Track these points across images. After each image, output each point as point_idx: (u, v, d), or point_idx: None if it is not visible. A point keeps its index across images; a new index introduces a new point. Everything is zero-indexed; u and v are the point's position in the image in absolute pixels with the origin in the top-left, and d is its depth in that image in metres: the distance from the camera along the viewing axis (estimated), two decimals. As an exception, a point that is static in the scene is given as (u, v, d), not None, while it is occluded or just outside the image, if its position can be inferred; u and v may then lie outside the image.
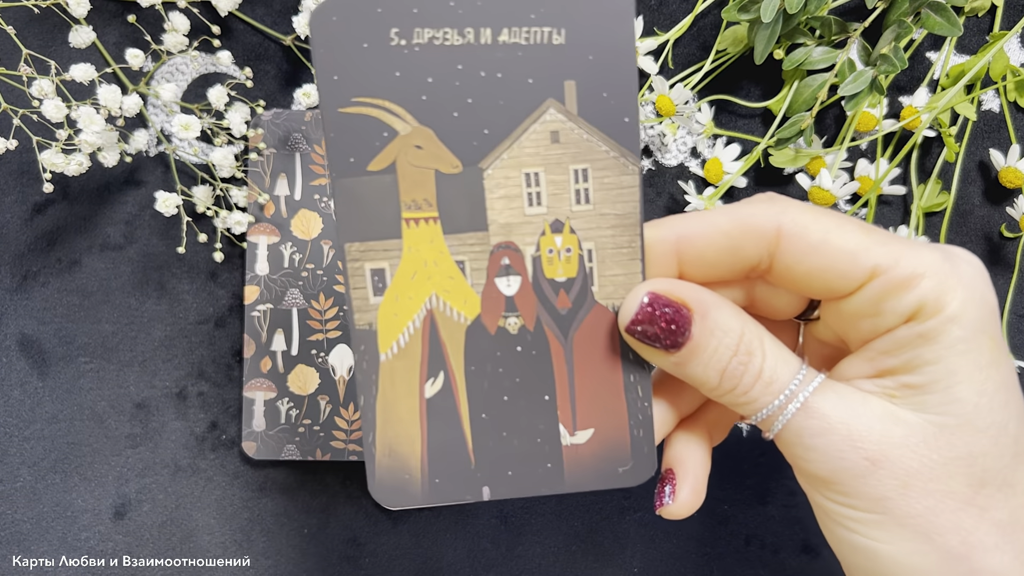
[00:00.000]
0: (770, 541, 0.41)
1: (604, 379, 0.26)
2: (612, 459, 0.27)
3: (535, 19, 0.24)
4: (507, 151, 0.25)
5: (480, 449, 0.26)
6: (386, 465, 0.27)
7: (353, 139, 0.24)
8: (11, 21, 0.39)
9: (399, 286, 0.26)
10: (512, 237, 0.25)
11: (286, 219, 0.40)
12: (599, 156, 0.25)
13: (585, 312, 0.26)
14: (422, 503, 0.27)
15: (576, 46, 0.24)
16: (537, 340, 0.26)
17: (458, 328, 0.26)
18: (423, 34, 0.24)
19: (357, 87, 0.24)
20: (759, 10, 0.35)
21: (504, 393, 0.26)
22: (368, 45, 0.24)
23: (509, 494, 0.27)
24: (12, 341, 0.41)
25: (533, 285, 0.26)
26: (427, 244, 0.25)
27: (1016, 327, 0.41)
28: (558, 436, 0.26)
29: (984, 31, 0.41)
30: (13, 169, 0.41)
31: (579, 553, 0.41)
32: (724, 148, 0.40)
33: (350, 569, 0.41)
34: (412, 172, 0.25)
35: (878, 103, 0.39)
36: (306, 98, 0.40)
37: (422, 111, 0.24)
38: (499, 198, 0.25)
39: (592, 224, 0.26)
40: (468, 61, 0.24)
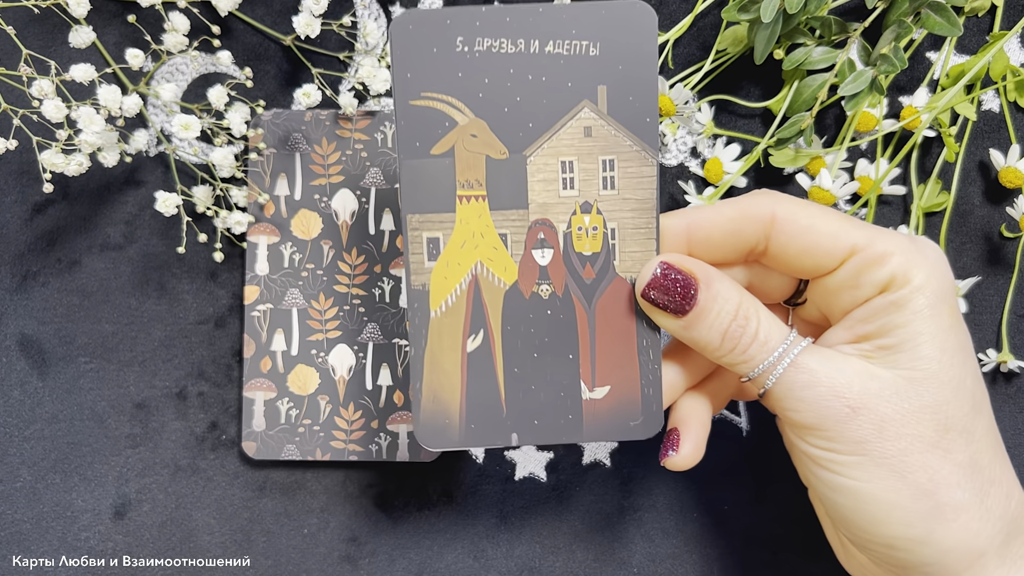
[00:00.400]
0: (769, 541, 0.41)
1: (621, 342, 0.30)
2: (625, 414, 0.31)
3: (575, 34, 0.29)
4: (547, 142, 0.29)
5: (511, 399, 0.30)
6: (430, 410, 0.30)
7: (419, 127, 0.29)
8: (11, 21, 0.39)
9: (450, 253, 0.30)
10: (548, 215, 0.30)
11: (286, 219, 0.40)
12: (624, 149, 0.30)
13: (607, 283, 0.30)
14: (459, 445, 0.30)
15: (608, 57, 0.29)
16: (565, 305, 0.30)
17: (498, 292, 0.30)
18: (483, 43, 0.29)
19: (426, 84, 0.29)
20: (759, 10, 0.35)
21: (534, 351, 0.30)
22: (437, 50, 0.29)
23: (534, 441, 0.31)
24: (12, 341, 0.41)
25: (564, 257, 0.30)
26: (476, 218, 0.30)
27: (1016, 327, 0.41)
28: (579, 391, 0.30)
29: (984, 31, 0.41)
30: (13, 169, 0.41)
31: (579, 553, 0.41)
32: (724, 148, 0.40)
33: (350, 569, 0.41)
34: (467, 156, 0.29)
35: (878, 103, 0.39)
36: (306, 98, 0.40)
37: (478, 106, 0.29)
38: (538, 181, 0.30)
39: (616, 207, 0.30)
40: (519, 66, 0.29)
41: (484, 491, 0.41)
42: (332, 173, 0.40)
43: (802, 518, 0.41)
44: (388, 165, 0.40)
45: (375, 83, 0.40)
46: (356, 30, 0.41)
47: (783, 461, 0.41)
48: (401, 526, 0.41)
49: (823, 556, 0.41)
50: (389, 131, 0.40)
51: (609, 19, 0.29)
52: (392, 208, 0.40)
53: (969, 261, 0.41)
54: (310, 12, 0.38)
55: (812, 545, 0.41)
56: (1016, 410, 0.41)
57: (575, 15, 0.29)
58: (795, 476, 0.41)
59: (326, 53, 0.41)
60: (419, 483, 0.41)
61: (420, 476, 0.41)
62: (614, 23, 0.29)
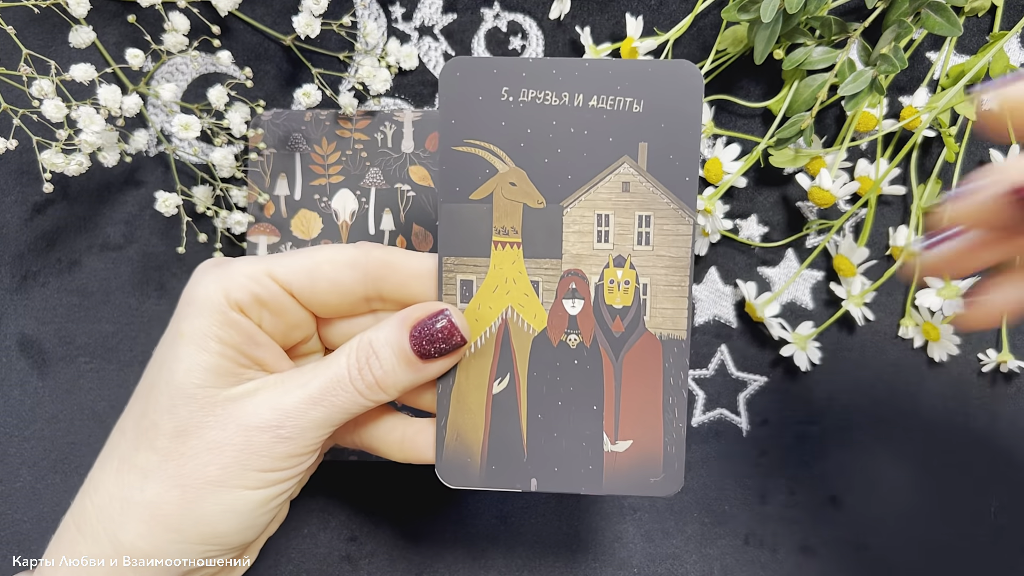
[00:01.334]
0: (769, 541, 0.41)
1: (646, 398, 0.30)
2: (646, 469, 0.30)
3: (620, 90, 0.29)
4: (585, 194, 0.30)
5: (533, 444, 0.30)
6: (453, 447, 0.31)
7: (461, 172, 0.29)
8: (11, 21, 0.39)
9: (482, 296, 0.30)
10: (581, 266, 0.30)
11: (286, 219, 0.40)
12: (661, 207, 0.30)
13: (636, 337, 0.30)
14: (479, 485, 0.31)
15: (651, 114, 0.29)
16: (592, 356, 0.30)
17: (527, 338, 0.30)
18: (528, 94, 0.29)
19: (469, 131, 0.29)
20: (759, 10, 0.35)
21: (559, 399, 0.30)
22: (483, 98, 0.29)
23: (553, 488, 0.31)
24: (12, 341, 0.41)
25: (594, 309, 0.30)
26: (509, 264, 0.30)
27: (1016, 327, 0.41)
28: (601, 442, 0.30)
29: (984, 31, 0.41)
30: (13, 169, 0.41)
31: (579, 553, 0.41)
32: (724, 148, 0.40)
33: (350, 569, 0.41)
34: (505, 204, 0.30)
35: (878, 103, 0.39)
36: (306, 98, 0.40)
37: (519, 155, 0.29)
38: (573, 232, 0.30)
39: (649, 263, 0.30)
40: (561, 118, 0.29)
41: (484, 491, 0.41)
42: (332, 173, 0.40)
43: (801, 518, 0.41)
44: (388, 165, 0.40)
45: (375, 83, 0.40)
46: (356, 30, 0.41)
47: (784, 461, 0.41)
48: (401, 526, 0.41)
49: (823, 556, 0.41)
50: (389, 131, 0.40)
51: (654, 77, 0.29)
52: (392, 208, 0.40)
53: (969, 261, 0.41)
54: (310, 12, 0.38)
55: (812, 545, 0.41)
56: (1016, 410, 0.41)
57: (621, 71, 0.29)
58: (795, 476, 0.41)
59: (326, 53, 0.41)
60: (419, 483, 0.41)
61: (420, 476, 0.41)
62: (659, 81, 0.29)
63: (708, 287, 0.42)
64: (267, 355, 0.30)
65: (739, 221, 0.42)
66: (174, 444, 0.28)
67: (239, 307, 0.29)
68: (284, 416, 0.28)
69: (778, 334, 0.40)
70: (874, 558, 0.41)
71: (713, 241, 0.42)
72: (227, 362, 0.29)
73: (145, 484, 0.28)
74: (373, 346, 0.29)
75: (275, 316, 0.30)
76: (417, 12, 0.42)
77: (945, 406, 0.41)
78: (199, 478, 0.28)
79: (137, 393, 0.30)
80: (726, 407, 0.42)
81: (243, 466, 0.28)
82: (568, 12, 0.41)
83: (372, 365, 0.29)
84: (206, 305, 0.29)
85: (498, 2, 0.41)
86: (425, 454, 0.31)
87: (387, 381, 0.29)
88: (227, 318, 0.29)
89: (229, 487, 0.28)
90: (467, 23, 0.42)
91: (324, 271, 0.30)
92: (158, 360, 0.29)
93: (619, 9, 0.41)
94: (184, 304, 0.29)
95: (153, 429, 0.28)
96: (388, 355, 0.29)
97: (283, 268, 0.30)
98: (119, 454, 0.29)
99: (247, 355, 0.29)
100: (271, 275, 0.29)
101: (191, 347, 0.29)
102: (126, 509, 0.28)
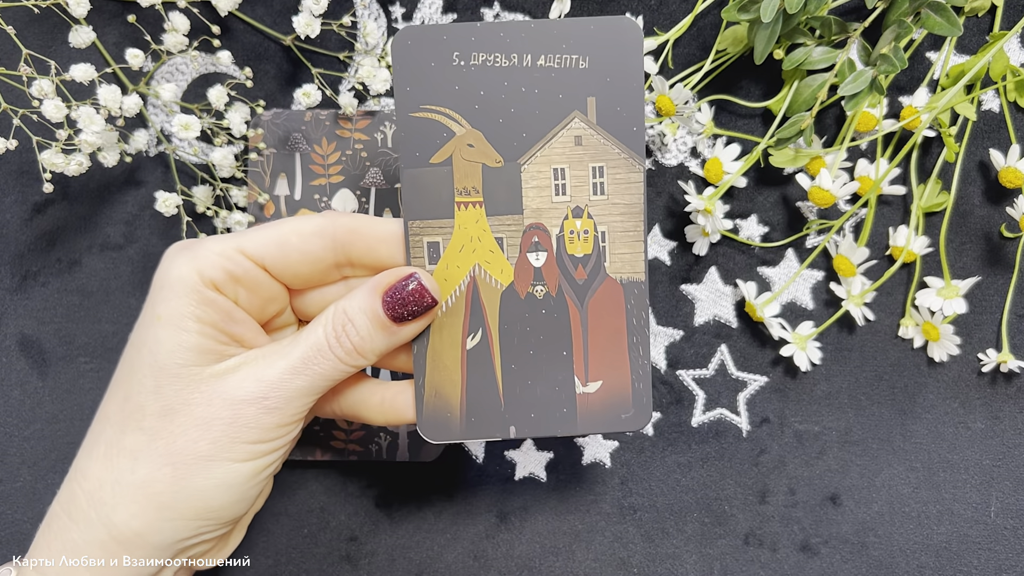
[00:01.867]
0: (769, 540, 0.41)
1: (612, 340, 0.32)
2: (616, 406, 0.32)
3: (566, 48, 0.30)
4: (540, 151, 0.31)
5: (509, 394, 0.32)
6: (432, 404, 0.32)
7: (419, 138, 0.30)
8: (11, 21, 0.39)
9: (449, 257, 0.31)
10: (541, 220, 0.31)
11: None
12: (612, 157, 0.31)
13: (598, 283, 0.32)
14: (459, 438, 0.32)
15: (597, 70, 0.30)
16: (559, 305, 0.32)
17: (495, 293, 0.32)
18: (478, 57, 0.30)
19: (425, 97, 0.30)
20: (759, 10, 0.35)
21: (530, 348, 0.32)
22: (435, 64, 0.30)
23: (531, 433, 0.32)
24: (12, 341, 0.41)
25: (557, 260, 0.31)
26: (473, 223, 0.31)
27: (1016, 327, 0.41)
28: (573, 385, 0.32)
29: (984, 31, 0.41)
30: (13, 169, 0.41)
31: (579, 553, 0.41)
32: (724, 148, 0.40)
33: (350, 569, 0.41)
34: (464, 165, 0.31)
35: (878, 103, 0.39)
36: (306, 98, 0.40)
37: (474, 117, 0.30)
38: (532, 188, 0.31)
39: (605, 211, 0.31)
40: (512, 79, 0.30)
41: (484, 491, 0.41)
42: (332, 173, 0.40)
43: (802, 518, 0.41)
44: (388, 165, 0.40)
45: (375, 83, 0.40)
46: (356, 30, 0.41)
47: (784, 461, 0.42)
48: (401, 526, 0.41)
49: (823, 556, 0.41)
50: (389, 131, 0.40)
51: (597, 34, 0.30)
52: (392, 208, 0.40)
53: (969, 261, 0.41)
54: (310, 12, 0.38)
55: (812, 545, 0.41)
56: (1016, 410, 0.41)
57: (565, 31, 0.30)
58: (795, 476, 0.41)
59: (326, 53, 0.41)
60: (419, 483, 0.41)
61: (420, 476, 0.41)
62: (602, 38, 0.30)
63: (708, 287, 0.42)
64: (245, 331, 0.31)
65: (739, 221, 0.42)
66: (162, 423, 0.28)
67: (214, 285, 0.29)
68: (269, 387, 0.29)
69: (778, 334, 0.40)
70: (874, 558, 0.41)
71: (713, 241, 0.42)
72: (207, 340, 0.29)
73: (136, 465, 0.28)
74: (348, 314, 0.30)
75: (250, 291, 0.30)
76: (417, 12, 0.42)
77: (945, 406, 0.41)
78: (190, 454, 0.28)
79: (116, 379, 0.30)
80: (726, 407, 0.42)
81: (232, 439, 0.29)
82: (568, 12, 0.41)
83: (349, 332, 0.30)
84: (180, 286, 0.29)
85: (498, 2, 0.41)
86: (406, 414, 0.32)
87: (364, 346, 0.30)
88: (203, 297, 0.29)
89: (220, 461, 0.29)
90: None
91: (293, 242, 0.30)
92: (136, 344, 0.30)
93: (619, 9, 0.41)
94: (158, 288, 0.29)
95: (139, 411, 0.29)
96: (363, 321, 0.30)
97: (253, 243, 0.30)
98: (105, 439, 0.29)
99: (226, 332, 0.30)
100: (242, 250, 0.30)
101: (170, 328, 0.29)
102: (118, 491, 0.28)
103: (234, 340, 0.30)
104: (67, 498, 0.29)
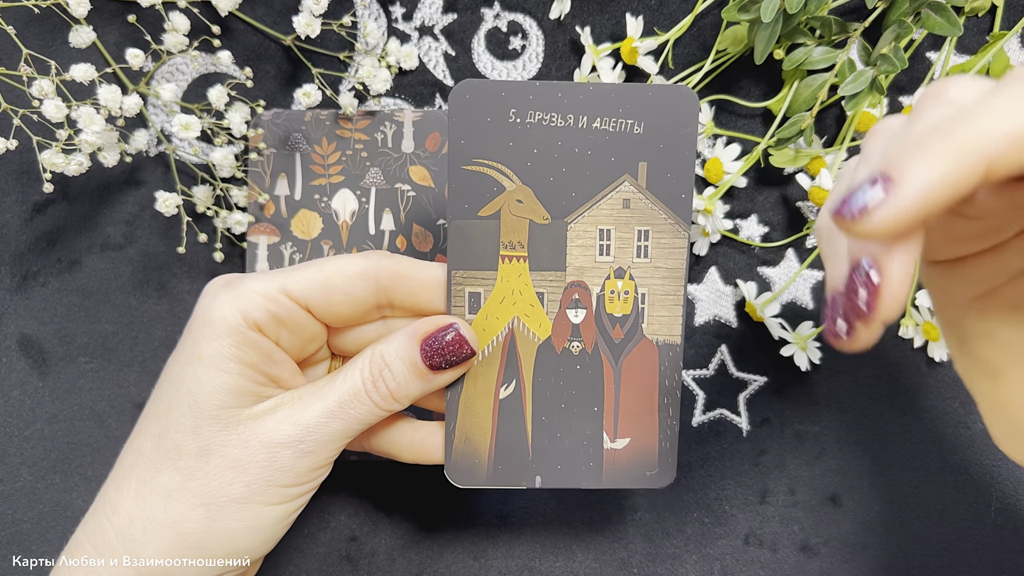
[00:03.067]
0: (769, 540, 0.41)
1: (643, 399, 0.32)
2: (642, 464, 0.32)
3: (622, 113, 0.30)
4: (588, 211, 0.31)
5: (537, 445, 0.32)
6: (461, 450, 0.32)
7: (470, 190, 0.31)
8: (11, 21, 0.39)
9: (490, 307, 0.32)
10: (584, 278, 0.32)
11: (286, 219, 0.40)
12: (659, 222, 0.31)
13: (635, 343, 0.32)
14: (486, 484, 0.32)
15: (651, 136, 0.31)
16: (594, 362, 0.32)
17: (532, 346, 0.32)
18: (534, 115, 0.30)
19: (478, 150, 0.31)
20: (759, 10, 0.35)
21: (562, 401, 0.32)
22: (491, 119, 0.30)
23: (556, 484, 0.32)
24: (12, 341, 0.41)
25: (595, 318, 0.32)
26: (516, 277, 0.32)
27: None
28: (601, 441, 0.32)
29: (984, 31, 0.41)
30: (13, 169, 0.41)
31: (579, 553, 0.41)
32: (724, 148, 0.40)
33: (349, 569, 0.41)
34: (512, 220, 0.31)
35: (878, 103, 0.39)
36: (306, 98, 0.40)
37: (526, 174, 0.31)
38: (577, 246, 0.31)
39: (647, 274, 0.32)
40: (566, 139, 0.31)
41: (484, 491, 0.41)
42: (332, 173, 0.40)
43: (801, 517, 0.41)
44: (388, 165, 0.40)
45: (375, 83, 0.40)
46: (356, 30, 0.41)
47: (784, 461, 0.42)
48: (401, 526, 0.41)
49: (823, 556, 0.41)
50: (389, 131, 0.40)
51: (654, 101, 0.30)
52: (392, 208, 0.40)
53: (969, 261, 0.41)
54: (310, 12, 0.38)
55: (812, 545, 0.41)
56: (1016, 410, 0.41)
57: (623, 95, 0.30)
58: (795, 476, 0.41)
59: (326, 53, 0.41)
60: (419, 483, 0.41)
61: (420, 476, 0.41)
62: (658, 105, 0.30)
63: (708, 287, 0.42)
64: (283, 372, 0.31)
65: (739, 221, 0.42)
66: (197, 463, 0.28)
67: (257, 327, 0.29)
68: (305, 431, 0.29)
69: (778, 334, 0.40)
70: (874, 558, 0.41)
71: (713, 241, 0.42)
72: (247, 382, 0.29)
73: (168, 504, 0.28)
74: (385, 359, 0.30)
75: (292, 333, 0.30)
76: (417, 12, 0.42)
77: (945, 406, 0.41)
78: (224, 496, 0.28)
79: (151, 413, 0.30)
80: (726, 407, 0.42)
81: (267, 483, 0.29)
82: (568, 12, 0.41)
83: (386, 377, 0.30)
84: (223, 326, 0.29)
85: (498, 2, 0.41)
86: (434, 455, 0.32)
87: (400, 392, 0.30)
88: (246, 338, 0.29)
89: (253, 504, 0.29)
90: (467, 23, 0.42)
91: (337, 284, 0.30)
92: (175, 381, 0.29)
93: (619, 9, 0.41)
94: (200, 325, 0.29)
95: (176, 450, 0.29)
96: (400, 367, 0.30)
97: (296, 284, 0.30)
98: (137, 475, 0.29)
99: (265, 373, 0.30)
100: (286, 292, 0.30)
101: (211, 369, 0.29)
102: (149, 529, 0.28)
103: (272, 381, 0.30)
104: (94, 530, 0.29)
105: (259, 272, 0.31)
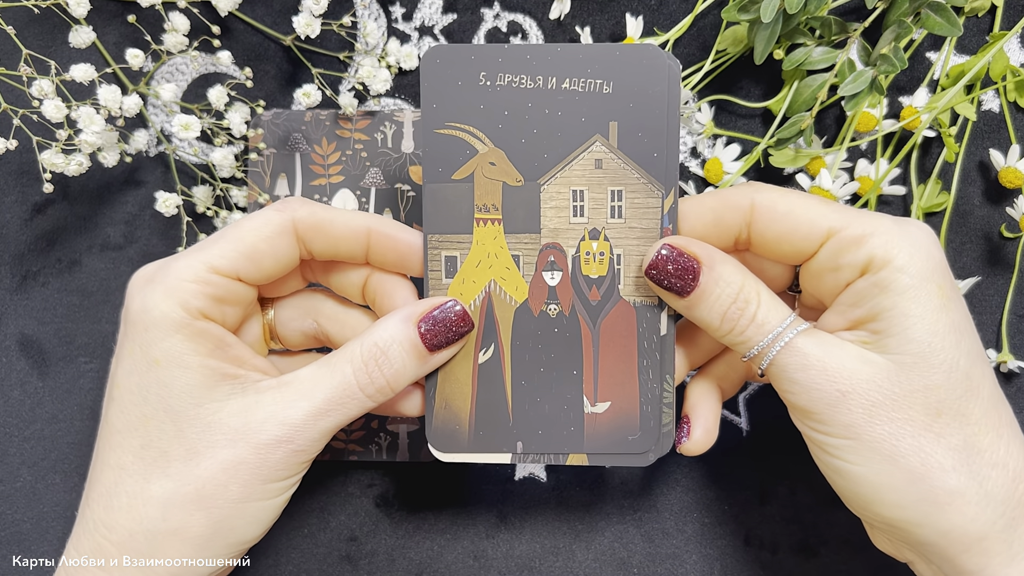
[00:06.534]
0: (769, 541, 0.41)
1: (622, 361, 0.32)
2: (624, 428, 0.32)
3: (591, 73, 0.30)
4: (560, 172, 0.31)
5: (518, 410, 0.32)
6: (442, 416, 0.32)
7: (443, 153, 0.31)
8: (11, 21, 0.39)
9: (466, 271, 0.32)
10: (558, 240, 0.32)
11: (286, 219, 0.40)
12: (631, 181, 0.31)
13: (611, 305, 0.32)
14: (467, 450, 0.32)
15: (620, 95, 0.31)
16: (571, 324, 0.32)
17: (509, 309, 0.32)
18: (504, 78, 0.31)
19: (450, 114, 0.31)
20: (759, 10, 0.35)
21: (541, 365, 0.32)
22: (461, 83, 0.31)
23: (538, 449, 0.32)
24: (12, 341, 0.41)
25: (571, 280, 0.32)
26: (491, 240, 0.31)
27: (1016, 327, 0.41)
28: (581, 405, 0.32)
29: (984, 31, 0.41)
30: (13, 169, 0.41)
31: (579, 553, 0.41)
32: (724, 148, 0.40)
33: (349, 569, 0.41)
34: (485, 182, 0.31)
35: (878, 103, 0.39)
36: (306, 98, 0.40)
37: (497, 136, 0.31)
38: (551, 208, 0.31)
39: (622, 234, 0.32)
40: (536, 101, 0.31)
41: (484, 491, 0.41)
42: (332, 173, 0.40)
43: (802, 518, 0.41)
44: (388, 165, 0.40)
45: (375, 83, 0.40)
46: (356, 30, 0.41)
47: (784, 461, 0.41)
48: (401, 526, 0.41)
49: (823, 556, 0.41)
50: (389, 131, 0.40)
51: (622, 60, 0.30)
52: (392, 208, 0.40)
53: (969, 261, 0.41)
54: (310, 12, 0.38)
55: (812, 545, 0.41)
56: (1016, 410, 0.41)
57: (591, 55, 0.30)
58: (795, 476, 0.41)
59: (326, 53, 0.41)
60: (419, 483, 0.41)
61: (420, 476, 0.41)
62: (626, 64, 0.30)
63: (708, 287, 0.42)
64: (241, 351, 0.30)
65: (739, 221, 0.42)
66: (188, 467, 0.28)
67: (201, 314, 0.29)
68: (294, 431, 0.29)
69: (778, 334, 0.40)
70: (874, 558, 0.41)
71: (713, 241, 0.42)
72: (212, 374, 0.29)
73: (167, 513, 0.28)
74: (380, 346, 0.29)
75: (233, 306, 0.30)
76: (417, 12, 0.42)
77: (945, 406, 0.41)
78: (221, 498, 0.28)
79: (119, 428, 0.29)
80: (726, 407, 0.42)
81: (263, 480, 0.29)
82: (568, 12, 0.41)
83: (383, 367, 0.29)
84: (167, 324, 0.28)
85: (498, 2, 0.42)
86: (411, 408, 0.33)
87: (397, 379, 0.30)
88: (194, 329, 0.29)
89: (251, 501, 0.29)
90: (467, 23, 0.42)
91: (262, 249, 0.30)
92: (138, 392, 0.29)
93: (619, 9, 0.41)
94: (142, 329, 0.28)
95: (163, 458, 0.28)
96: (398, 353, 0.30)
97: (221, 258, 0.29)
98: (126, 491, 0.28)
99: (223, 359, 0.29)
100: (213, 269, 0.29)
101: (174, 370, 0.28)
102: (152, 540, 0.28)
103: (233, 362, 0.30)
104: (93, 550, 0.29)
105: (175, 256, 0.30)
